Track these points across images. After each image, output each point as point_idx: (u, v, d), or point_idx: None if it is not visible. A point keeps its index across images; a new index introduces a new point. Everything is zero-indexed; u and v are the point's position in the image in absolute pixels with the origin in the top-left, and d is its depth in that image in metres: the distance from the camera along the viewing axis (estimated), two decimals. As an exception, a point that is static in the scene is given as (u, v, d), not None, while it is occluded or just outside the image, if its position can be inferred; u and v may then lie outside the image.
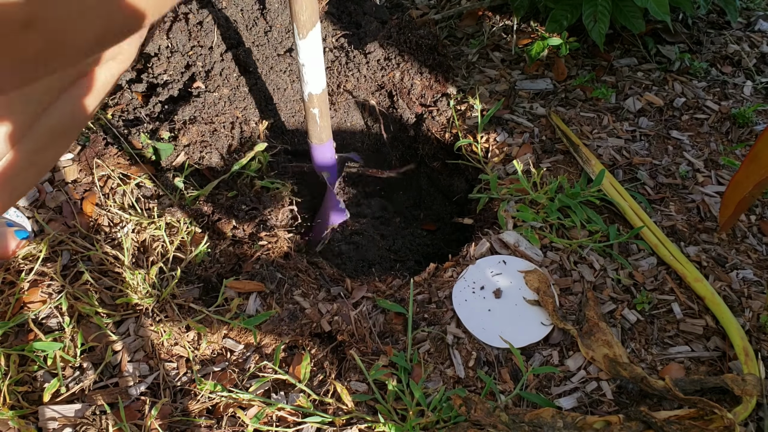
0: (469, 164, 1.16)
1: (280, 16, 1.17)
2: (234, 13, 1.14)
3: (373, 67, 1.20)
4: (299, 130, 1.20)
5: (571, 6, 1.21)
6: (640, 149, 1.11)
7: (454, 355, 0.80)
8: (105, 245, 0.90)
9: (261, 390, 0.76)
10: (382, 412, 0.73)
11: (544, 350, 0.81)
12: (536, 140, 1.14)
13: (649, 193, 1.03)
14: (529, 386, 0.77)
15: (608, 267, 0.91)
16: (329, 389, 0.77)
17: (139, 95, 1.13)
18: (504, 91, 1.25)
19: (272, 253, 0.94)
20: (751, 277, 0.90)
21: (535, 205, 1.00)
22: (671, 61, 1.30)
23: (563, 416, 0.70)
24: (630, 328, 0.84)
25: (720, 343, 0.81)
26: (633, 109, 1.19)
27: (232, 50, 1.13)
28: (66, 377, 0.76)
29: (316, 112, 0.95)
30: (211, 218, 0.98)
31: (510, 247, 0.94)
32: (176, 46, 1.11)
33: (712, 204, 1.01)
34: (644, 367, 0.79)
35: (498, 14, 1.46)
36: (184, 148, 1.06)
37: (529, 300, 0.86)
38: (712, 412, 0.68)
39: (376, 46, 1.20)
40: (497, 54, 1.36)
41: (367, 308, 0.86)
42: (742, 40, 1.36)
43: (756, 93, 1.23)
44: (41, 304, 0.82)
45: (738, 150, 1.10)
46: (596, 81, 1.27)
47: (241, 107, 1.12)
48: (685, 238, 0.96)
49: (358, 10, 1.33)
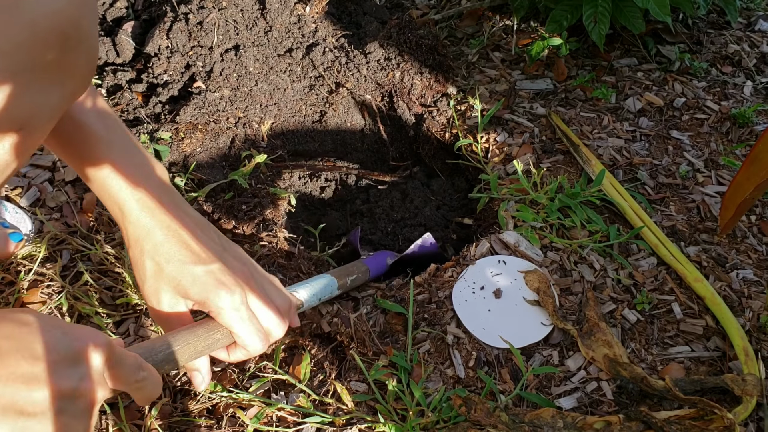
0: (469, 164, 1.16)
1: (280, 16, 1.17)
2: (234, 13, 1.14)
3: (373, 67, 1.20)
4: (299, 130, 1.20)
5: (571, 6, 1.21)
6: (640, 149, 1.11)
7: (454, 355, 0.80)
8: (105, 245, 0.90)
9: (261, 390, 0.76)
10: (382, 412, 0.73)
11: (544, 350, 0.81)
12: (536, 140, 1.14)
13: (649, 193, 1.03)
14: (529, 386, 0.77)
15: (608, 267, 0.91)
16: (329, 389, 0.77)
17: (139, 95, 1.13)
18: (504, 91, 1.25)
19: (273, 253, 0.94)
20: (751, 277, 0.90)
21: (535, 205, 1.00)
22: (671, 61, 1.30)
23: (563, 416, 0.70)
24: (630, 328, 0.84)
25: (720, 343, 0.81)
26: (633, 109, 1.19)
27: (233, 50, 1.13)
28: (66, 377, 0.76)
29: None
30: (211, 218, 0.98)
31: (510, 247, 0.94)
32: (176, 46, 1.11)
33: (712, 204, 1.01)
34: (644, 367, 0.79)
35: (498, 14, 1.46)
36: (184, 149, 1.06)
37: (529, 300, 0.86)
38: (712, 412, 0.68)
39: (376, 46, 1.20)
40: (497, 54, 1.36)
41: (366, 309, 0.86)
42: (742, 40, 1.36)
43: (756, 93, 1.23)
44: (41, 305, 0.82)
45: (738, 150, 1.10)
46: (596, 81, 1.27)
47: (242, 107, 1.12)
48: (685, 238, 0.96)
49: (358, 10, 1.33)
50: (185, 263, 0.55)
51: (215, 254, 0.57)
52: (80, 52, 0.37)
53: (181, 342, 0.53)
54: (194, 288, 0.54)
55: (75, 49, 0.37)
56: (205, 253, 0.56)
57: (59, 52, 0.35)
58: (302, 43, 1.18)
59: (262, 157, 1.06)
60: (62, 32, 0.35)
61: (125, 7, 1.25)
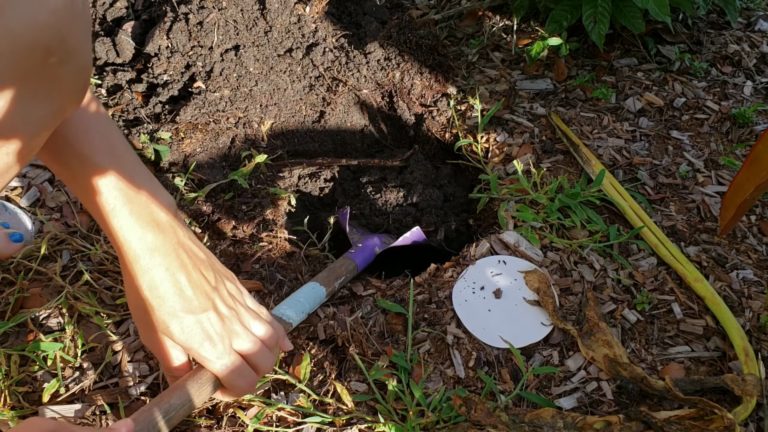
0: (469, 164, 1.16)
1: (280, 16, 1.17)
2: (234, 13, 1.14)
3: (373, 67, 1.20)
4: (299, 130, 1.20)
5: (571, 6, 1.21)
6: (640, 149, 1.11)
7: (454, 355, 0.80)
8: (105, 245, 0.90)
9: (261, 390, 0.76)
10: (382, 412, 0.73)
11: (544, 350, 0.81)
12: (536, 140, 1.14)
13: (649, 193, 1.03)
14: (529, 386, 0.77)
15: (608, 267, 0.91)
16: (329, 389, 0.77)
17: (139, 95, 1.13)
18: (504, 91, 1.25)
19: (273, 253, 0.94)
20: (751, 277, 0.90)
21: (535, 205, 1.00)
22: (671, 61, 1.30)
23: (563, 416, 0.70)
24: (630, 328, 0.84)
25: (720, 343, 0.82)
26: (633, 109, 1.19)
27: (233, 50, 1.13)
28: (66, 377, 0.76)
29: None
30: (211, 218, 0.98)
31: (510, 247, 0.94)
32: (176, 46, 1.11)
33: (713, 204, 1.01)
34: (644, 367, 0.79)
35: (498, 14, 1.46)
36: (184, 149, 1.06)
37: (529, 300, 0.86)
38: (712, 412, 0.69)
39: (376, 47, 1.20)
40: (497, 54, 1.36)
41: (366, 309, 0.86)
42: (742, 40, 1.36)
43: (756, 93, 1.23)
44: (41, 305, 0.82)
45: (738, 150, 1.10)
46: (596, 81, 1.27)
47: (242, 107, 1.12)
48: (685, 238, 0.96)
49: (358, 10, 1.33)
50: (176, 310, 0.57)
51: (207, 298, 0.59)
52: (67, 66, 0.37)
53: (177, 406, 0.57)
54: (181, 336, 0.58)
55: (61, 63, 0.36)
56: (197, 299, 0.58)
57: (42, 67, 0.35)
58: (302, 43, 1.18)
59: (262, 157, 1.06)
60: (45, 46, 0.34)
61: (125, 7, 1.25)
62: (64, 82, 0.38)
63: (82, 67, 0.39)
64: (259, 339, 0.63)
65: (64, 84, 0.38)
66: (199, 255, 0.61)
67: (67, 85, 0.38)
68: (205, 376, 0.60)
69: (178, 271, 0.57)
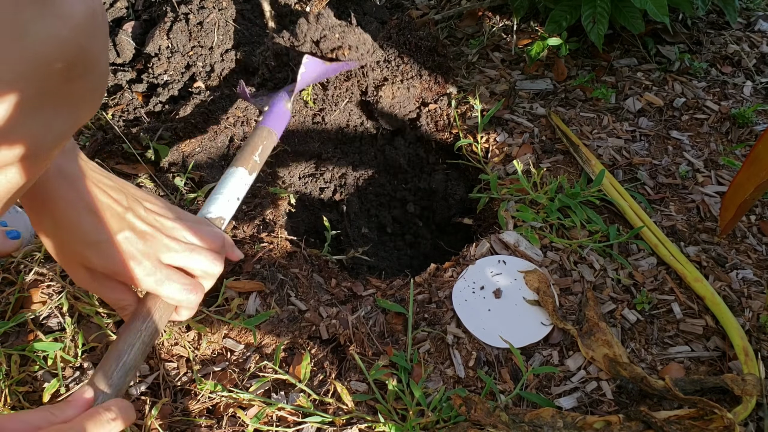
0: (469, 164, 1.16)
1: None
2: (234, 13, 1.14)
3: (373, 67, 1.20)
4: (299, 131, 1.20)
5: (571, 7, 1.21)
6: (640, 149, 1.11)
7: (454, 355, 0.80)
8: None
9: (261, 390, 0.76)
10: (382, 411, 0.73)
11: (544, 350, 0.81)
12: (536, 140, 1.14)
13: (649, 193, 1.03)
14: (529, 386, 0.77)
15: (608, 267, 0.91)
16: (329, 389, 0.77)
17: (139, 95, 1.13)
18: (504, 92, 1.25)
19: (274, 253, 0.94)
20: (751, 277, 0.90)
21: (535, 205, 1.00)
22: (671, 62, 1.30)
23: (563, 416, 0.70)
24: (630, 328, 0.84)
25: (720, 343, 0.82)
26: (633, 109, 1.19)
27: (232, 50, 1.13)
28: (66, 377, 0.76)
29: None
30: (212, 218, 0.98)
31: (510, 247, 0.94)
32: (176, 46, 1.11)
33: (712, 204, 1.01)
34: (644, 367, 0.79)
35: (498, 14, 1.46)
36: (184, 148, 1.06)
37: (529, 300, 0.86)
38: (712, 412, 0.69)
39: (376, 47, 1.20)
40: (497, 54, 1.36)
41: (366, 310, 0.86)
42: (742, 40, 1.36)
43: (756, 93, 1.23)
44: (41, 305, 0.82)
45: (738, 150, 1.10)
46: (596, 81, 1.27)
47: (242, 107, 1.13)
48: (685, 238, 0.96)
49: (358, 10, 1.33)
50: (89, 238, 0.52)
51: (120, 219, 0.54)
52: (87, 81, 0.37)
53: (129, 348, 0.52)
54: (101, 262, 0.53)
55: (81, 78, 0.36)
56: (110, 222, 0.53)
57: (64, 82, 0.35)
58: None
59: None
60: (67, 62, 0.34)
61: (125, 7, 1.25)
62: (84, 93, 0.38)
63: (102, 77, 0.39)
64: (194, 247, 0.59)
65: (83, 97, 0.38)
66: (106, 182, 0.56)
67: (86, 95, 0.38)
68: (148, 302, 0.56)
69: (80, 200, 0.52)
